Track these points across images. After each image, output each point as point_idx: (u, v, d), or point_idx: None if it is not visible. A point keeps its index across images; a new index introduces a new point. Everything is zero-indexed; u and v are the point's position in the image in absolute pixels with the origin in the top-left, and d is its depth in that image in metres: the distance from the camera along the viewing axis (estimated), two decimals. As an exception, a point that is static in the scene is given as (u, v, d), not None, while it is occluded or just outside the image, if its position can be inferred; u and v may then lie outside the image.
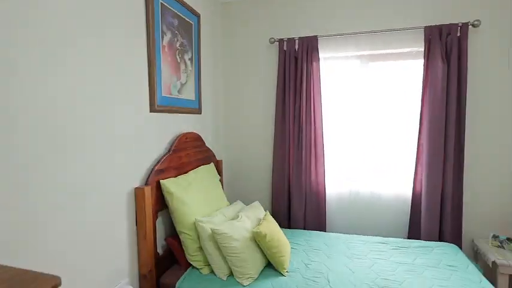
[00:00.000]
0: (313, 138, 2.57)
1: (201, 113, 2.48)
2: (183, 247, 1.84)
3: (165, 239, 1.91)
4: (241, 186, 2.93)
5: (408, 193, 2.44)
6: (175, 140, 2.04)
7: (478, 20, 2.16)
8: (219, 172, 2.62)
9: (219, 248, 1.76)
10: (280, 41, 2.60)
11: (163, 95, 1.92)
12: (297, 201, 2.61)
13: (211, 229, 1.75)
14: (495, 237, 2.18)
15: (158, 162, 1.83)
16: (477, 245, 2.26)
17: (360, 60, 2.53)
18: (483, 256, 2.14)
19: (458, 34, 2.19)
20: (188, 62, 2.27)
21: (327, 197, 2.61)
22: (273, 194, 2.73)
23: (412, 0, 2.36)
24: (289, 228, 2.64)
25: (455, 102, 2.21)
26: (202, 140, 2.43)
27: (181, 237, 1.83)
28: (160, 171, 1.83)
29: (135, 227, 1.67)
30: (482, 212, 2.34)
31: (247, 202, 2.75)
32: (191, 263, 1.83)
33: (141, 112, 1.74)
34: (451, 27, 2.19)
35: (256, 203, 2.29)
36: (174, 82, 2.06)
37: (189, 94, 2.28)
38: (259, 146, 2.86)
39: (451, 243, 2.19)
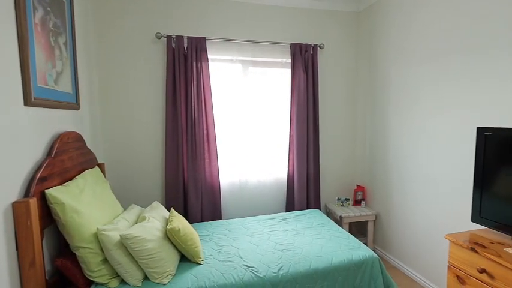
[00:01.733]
0: (206, 134, 2.72)
1: (79, 109, 2.12)
2: (82, 264, 1.57)
3: (55, 261, 1.56)
4: (129, 190, 2.69)
5: (284, 176, 3.02)
6: (57, 140, 1.69)
7: (322, 44, 2.97)
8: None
9: (129, 254, 1.63)
10: (169, 37, 2.58)
11: (39, 85, 1.55)
12: (194, 196, 2.68)
13: (120, 236, 1.60)
14: (338, 199, 3.07)
15: (39, 168, 1.48)
16: (329, 207, 3.11)
17: (241, 65, 2.87)
18: (333, 214, 2.98)
19: (312, 52, 2.91)
20: (63, 47, 1.90)
21: (221, 188, 2.82)
22: (167, 191, 2.68)
23: (282, 21, 2.92)
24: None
25: (312, 103, 2.93)
26: (83, 140, 2.10)
27: (79, 253, 1.56)
28: (43, 179, 1.49)
29: (15, 252, 1.30)
30: (330, 183, 3.23)
31: (140, 205, 2.58)
32: (94, 280, 1.59)
33: (13, 105, 1.36)
34: (307, 46, 2.88)
35: (156, 203, 2.22)
36: (49, 70, 1.69)
37: (65, 86, 1.92)
38: (147, 144, 2.72)
39: (315, 208, 2.91)
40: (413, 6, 2.38)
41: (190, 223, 2.61)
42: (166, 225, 1.87)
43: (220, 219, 2.78)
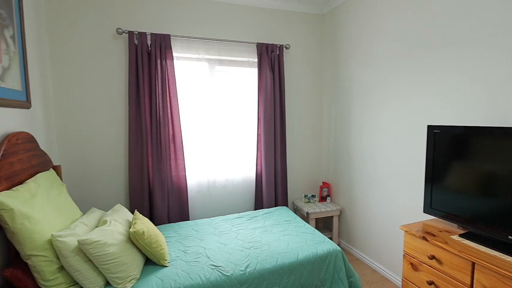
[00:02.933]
0: (172, 134, 2.66)
1: (30, 108, 1.96)
2: (36, 274, 1.47)
3: (4, 272, 1.44)
4: (90, 193, 2.55)
5: (253, 175, 3.04)
6: (4, 141, 1.55)
7: (288, 44, 3.04)
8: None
9: (89, 260, 1.56)
10: (130, 33, 2.48)
11: (-19, 81, 1.42)
12: (159, 197, 2.61)
13: (78, 241, 1.51)
14: (305, 196, 3.16)
15: (-17, 172, 1.36)
16: (296, 204, 3.19)
17: (208, 63, 2.85)
18: (301, 210, 3.06)
19: (278, 52, 2.96)
20: (10, 41, 1.75)
21: (188, 188, 2.78)
22: (131, 193, 2.57)
23: (249, 21, 2.93)
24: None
25: (279, 102, 2.98)
26: (36, 141, 1.95)
27: (31, 262, 1.45)
28: (-12, 183, 1.37)
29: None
30: (298, 180, 3.31)
31: (102, 208, 2.46)
32: (49, 290, 1.50)
33: (-50, 103, 1.23)
34: (273, 46, 2.92)
35: (119, 206, 2.13)
36: (-6, 65, 1.55)
37: (14, 82, 1.77)
38: (109, 145, 2.60)
39: (283, 206, 2.96)
40: (373, 10, 2.52)
41: (156, 225, 2.55)
42: (130, 228, 1.80)
43: (188, 219, 2.74)
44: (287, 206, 3.09)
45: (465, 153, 1.60)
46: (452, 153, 1.68)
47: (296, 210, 3.24)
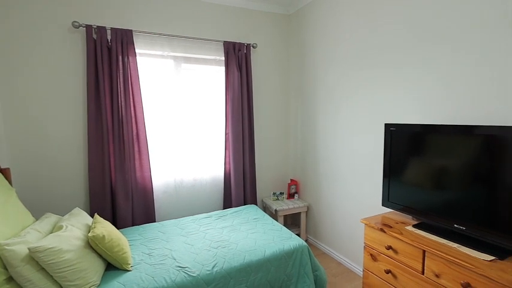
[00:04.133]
0: (136, 133, 2.56)
1: (-29, 105, 1.79)
2: (-21, 287, 1.34)
3: None
4: (45, 197, 2.37)
5: (221, 174, 3.02)
6: None
7: (255, 43, 3.05)
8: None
9: (42, 268, 1.45)
10: (88, 27, 2.34)
11: None
12: (123, 199, 2.50)
13: (29, 249, 1.41)
14: (274, 193, 3.20)
15: None
16: (265, 201, 3.22)
17: (173, 61, 2.77)
18: (269, 208, 3.10)
19: (245, 51, 2.96)
20: None
21: (154, 189, 2.69)
22: (91, 196, 2.44)
23: (216, 19, 2.90)
24: (116, 228, 2.49)
25: (247, 101, 2.99)
26: (-21, 142, 1.78)
27: (-27, 274, 1.33)
28: None
29: None
30: (266, 178, 3.35)
31: (59, 213, 2.31)
32: (-5, 303, 1.38)
33: None
34: (240, 45, 2.92)
35: (77, 210, 2.03)
36: None
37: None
38: (66, 146, 2.43)
39: (251, 204, 2.98)
40: (339, 12, 2.60)
41: (119, 228, 2.45)
42: (89, 232, 1.71)
43: (154, 221, 2.65)
44: (256, 204, 3.11)
45: (419, 150, 1.73)
46: (407, 149, 1.80)
47: (265, 208, 3.28)
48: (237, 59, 2.92)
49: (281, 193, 3.22)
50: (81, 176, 2.49)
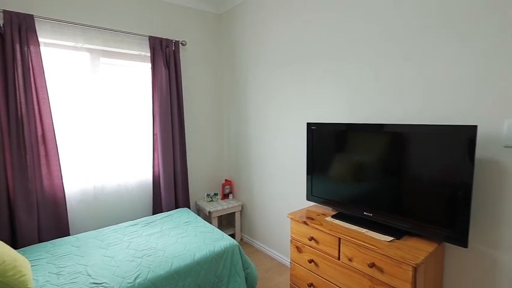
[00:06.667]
0: (42, 135, 2.21)
1: None
2: None
3: None
4: None
5: (149, 177, 2.83)
6: None
7: (184, 41, 2.95)
8: None
9: None
10: (-28, 7, 1.94)
11: None
12: (25, 213, 2.14)
13: None
14: (208, 195, 3.14)
15: None
16: (198, 204, 3.13)
17: (90, 54, 2.49)
18: (203, 210, 3.03)
19: (173, 48, 2.83)
20: None
21: (66, 198, 2.37)
22: (-19, 213, 2.03)
23: (140, 11, 2.70)
24: (16, 248, 2.11)
25: (176, 100, 2.86)
26: None
27: None
28: None
29: None
30: (200, 180, 3.26)
31: None
32: None
33: None
34: (168, 41, 2.78)
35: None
36: None
37: None
38: None
39: (183, 207, 2.86)
40: (268, 15, 2.65)
41: (21, 247, 2.09)
42: (-29, 256, 1.40)
43: (68, 235, 2.34)
44: (189, 207, 3.00)
45: (337, 147, 1.88)
46: (327, 147, 1.94)
47: (199, 211, 3.19)
48: (165, 56, 2.77)
49: (215, 194, 3.18)
50: (-34, 188, 2.05)
